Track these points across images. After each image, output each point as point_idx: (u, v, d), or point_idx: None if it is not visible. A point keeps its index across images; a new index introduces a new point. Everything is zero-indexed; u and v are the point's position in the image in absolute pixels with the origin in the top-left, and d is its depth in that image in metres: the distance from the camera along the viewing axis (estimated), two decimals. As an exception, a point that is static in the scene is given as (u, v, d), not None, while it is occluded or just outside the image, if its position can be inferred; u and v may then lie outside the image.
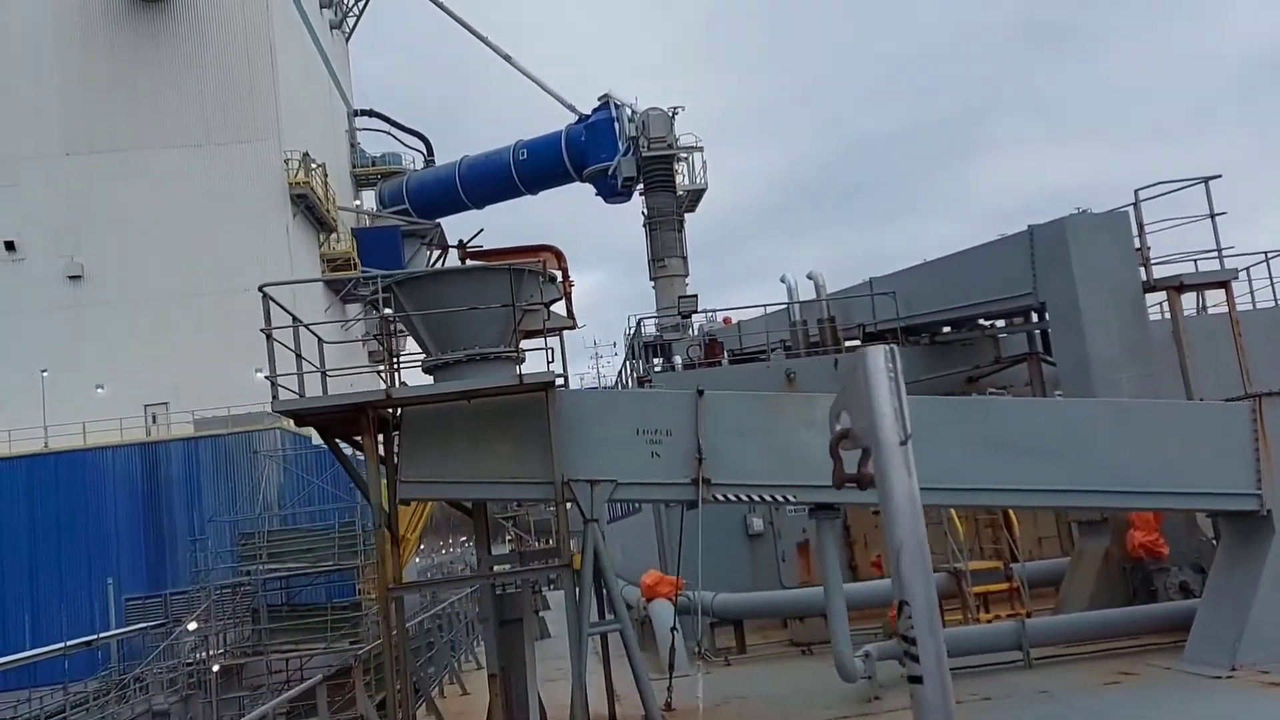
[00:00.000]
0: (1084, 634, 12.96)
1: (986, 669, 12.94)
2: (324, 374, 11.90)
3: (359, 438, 12.41)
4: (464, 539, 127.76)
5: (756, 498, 11.51)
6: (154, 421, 43.84)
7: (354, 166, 62.57)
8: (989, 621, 14.83)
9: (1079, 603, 14.41)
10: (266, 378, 10.41)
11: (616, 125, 52.68)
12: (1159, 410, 11.81)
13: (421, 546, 50.03)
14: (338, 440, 11.81)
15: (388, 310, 11.62)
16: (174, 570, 39.63)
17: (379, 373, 11.26)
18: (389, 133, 64.60)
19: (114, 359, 44.11)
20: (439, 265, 59.86)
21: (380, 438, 11.44)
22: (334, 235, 53.69)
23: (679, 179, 49.22)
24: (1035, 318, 18.79)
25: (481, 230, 12.02)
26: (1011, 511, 15.65)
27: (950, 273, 18.74)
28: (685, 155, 49.51)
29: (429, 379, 11.72)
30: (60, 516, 39.56)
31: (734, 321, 29.31)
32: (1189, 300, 17.60)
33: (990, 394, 16.59)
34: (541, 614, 18.60)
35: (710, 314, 32.16)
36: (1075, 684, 11.65)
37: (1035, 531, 19.20)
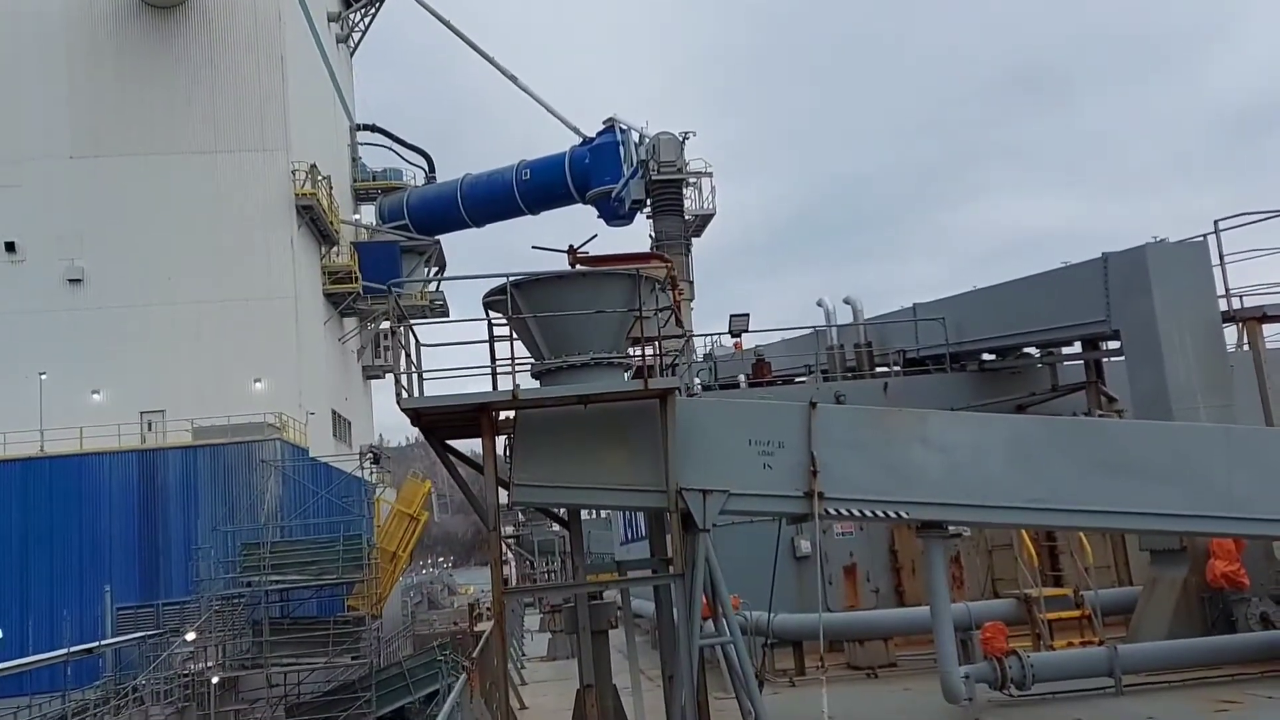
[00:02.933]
0: (1179, 662, 12.92)
1: (1076, 695, 12.89)
2: (420, 374, 11.69)
3: (452, 441, 12.30)
4: (440, 559, 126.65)
5: (869, 513, 11.41)
6: (150, 429, 43.11)
7: (355, 180, 62.20)
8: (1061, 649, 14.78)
9: (1155, 632, 14.39)
10: (392, 373, 10.19)
11: (621, 149, 52.77)
12: (1275, 437, 11.86)
13: (405, 566, 49.56)
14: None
15: (497, 316, 11.44)
16: (167, 580, 38.91)
17: (492, 375, 11.06)
18: (391, 148, 64.36)
19: (112, 365, 43.40)
20: (437, 281, 59.67)
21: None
22: (335, 248, 53.30)
23: (687, 203, 49.39)
24: (1078, 346, 18.95)
25: (595, 236, 11.90)
26: (1083, 537, 15.63)
27: (1009, 299, 18.83)
28: (694, 180, 49.68)
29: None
30: (54, 522, 38.76)
31: (744, 347, 29.28)
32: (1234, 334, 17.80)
33: (1099, 415, 16.64)
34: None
35: (716, 339, 32.13)
36: (1182, 712, 11.61)
37: (1084, 559, 19.24)
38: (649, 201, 49.62)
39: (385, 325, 59.95)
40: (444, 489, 55.32)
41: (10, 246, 44.34)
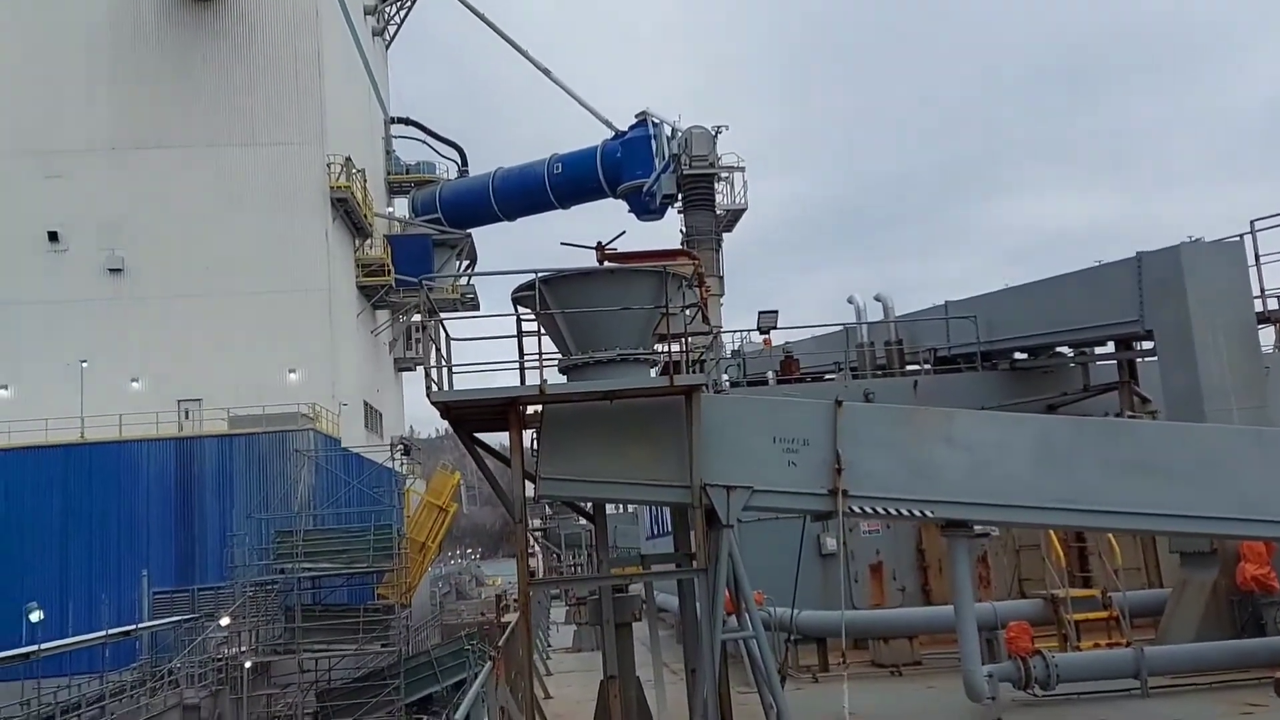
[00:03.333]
0: (1207, 665, 12.84)
1: (1101, 695, 12.86)
2: (450, 368, 11.81)
3: (480, 434, 12.46)
4: (468, 550, 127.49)
5: (893, 511, 11.43)
6: (187, 417, 43.76)
7: (389, 173, 62.64)
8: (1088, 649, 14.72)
9: (1184, 634, 14.31)
10: (423, 366, 10.35)
11: (654, 143, 52.72)
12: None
13: (434, 556, 49.98)
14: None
15: (525, 312, 11.56)
16: (203, 566, 39.54)
17: (520, 370, 11.18)
18: (424, 141, 64.66)
19: (150, 353, 44.04)
20: (468, 276, 60.02)
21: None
22: (369, 241, 53.75)
23: (719, 198, 49.25)
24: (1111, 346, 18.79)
25: (623, 233, 11.99)
26: (1113, 538, 15.55)
27: (1041, 298, 18.71)
28: (726, 174, 49.52)
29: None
30: (93, 507, 39.51)
31: (773, 344, 29.22)
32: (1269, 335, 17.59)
33: (1130, 415, 16.54)
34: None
35: (745, 335, 32.05)
36: (1208, 714, 11.56)
37: (1112, 561, 19.11)
38: (680, 196, 49.55)
39: (417, 318, 60.43)
40: (473, 481, 55.74)
41: (53, 236, 45.10)
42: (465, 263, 60.90)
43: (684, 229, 48.63)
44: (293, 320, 45.62)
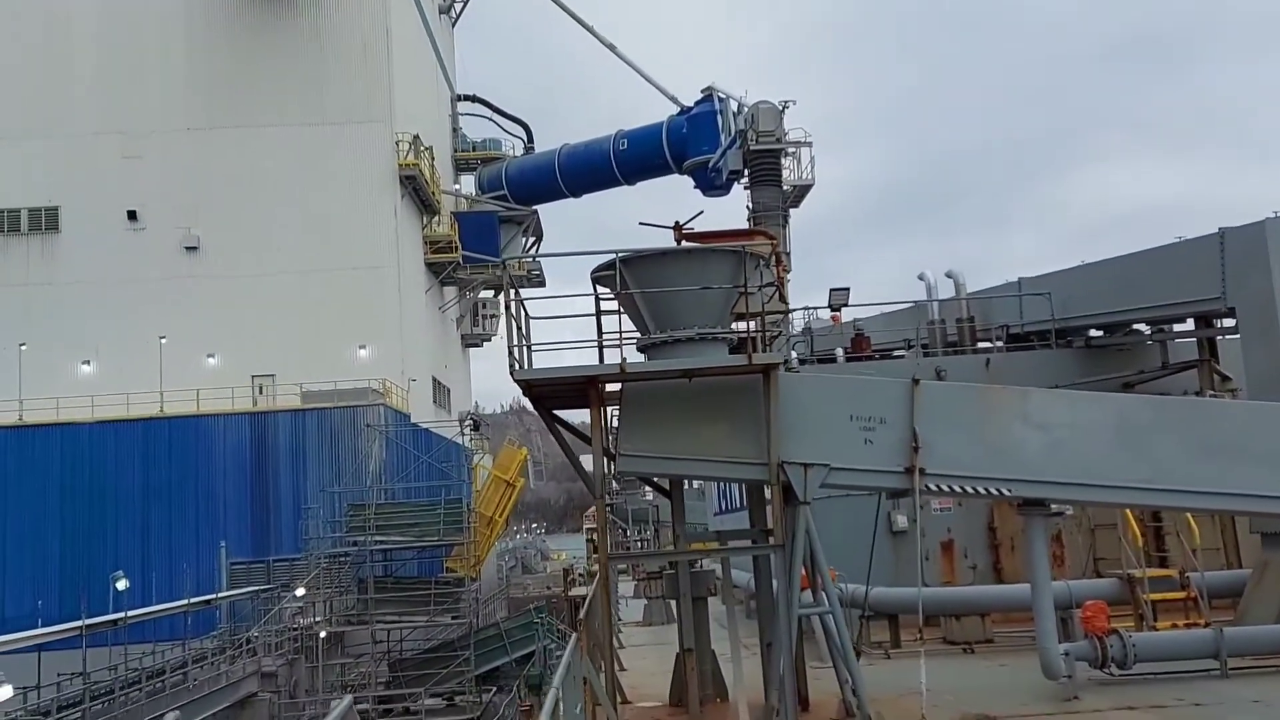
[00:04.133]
0: (1289, 646, 12.68)
1: (1179, 675, 12.76)
2: (528, 347, 12.05)
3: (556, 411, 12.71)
4: (533, 525, 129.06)
5: (970, 489, 11.46)
6: (261, 392, 44.89)
7: (455, 151, 63.24)
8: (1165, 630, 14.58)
9: (1264, 615, 14.11)
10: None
11: (719, 118, 52.39)
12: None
13: (502, 531, 50.69)
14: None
15: (605, 291, 11.75)
16: (277, 537, 40.62)
17: (599, 348, 11.39)
18: (490, 119, 65.08)
19: (225, 330, 45.17)
20: (534, 251, 60.50)
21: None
22: (436, 218, 54.41)
23: (785, 174, 48.87)
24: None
25: (701, 213, 12.10)
26: (1191, 518, 15.35)
27: (1119, 274, 18.41)
28: (793, 150, 49.11)
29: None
30: (172, 479, 40.82)
31: (841, 320, 29.04)
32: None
33: (1211, 394, 16.32)
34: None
35: (813, 312, 31.89)
36: (1288, 695, 11.43)
37: (1190, 541, 18.83)
38: (746, 172, 49.24)
39: (484, 294, 61.20)
40: (538, 456, 56.37)
41: (132, 215, 46.39)
42: (531, 239, 61.40)
43: (750, 205, 48.38)
44: (362, 297, 46.50)
